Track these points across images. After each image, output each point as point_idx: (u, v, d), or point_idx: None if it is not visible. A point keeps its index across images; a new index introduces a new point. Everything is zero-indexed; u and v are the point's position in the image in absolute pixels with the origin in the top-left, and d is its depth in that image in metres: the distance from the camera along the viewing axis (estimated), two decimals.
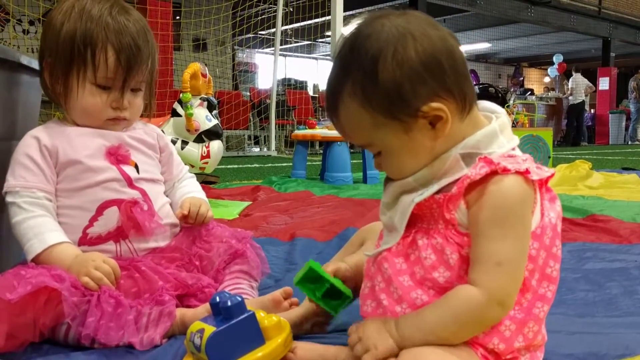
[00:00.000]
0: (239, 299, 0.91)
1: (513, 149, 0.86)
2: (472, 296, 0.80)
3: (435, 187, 0.85)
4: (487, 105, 0.91)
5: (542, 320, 0.87)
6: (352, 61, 0.85)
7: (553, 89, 15.08)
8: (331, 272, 1.02)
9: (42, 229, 1.11)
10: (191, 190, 1.35)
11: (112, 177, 1.18)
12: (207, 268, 1.24)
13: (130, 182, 1.20)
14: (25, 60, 1.29)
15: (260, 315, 0.93)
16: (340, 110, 0.88)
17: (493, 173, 0.80)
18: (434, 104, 0.83)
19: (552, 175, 0.87)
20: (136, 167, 1.23)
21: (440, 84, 0.83)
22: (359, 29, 0.87)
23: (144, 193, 1.22)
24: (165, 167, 1.34)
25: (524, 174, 0.81)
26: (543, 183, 0.86)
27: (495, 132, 0.86)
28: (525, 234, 0.82)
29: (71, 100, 1.18)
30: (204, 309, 1.08)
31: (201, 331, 0.89)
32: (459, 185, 0.82)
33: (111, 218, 1.16)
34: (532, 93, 14.82)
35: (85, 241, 1.16)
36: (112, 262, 1.08)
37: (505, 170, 0.80)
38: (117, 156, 1.21)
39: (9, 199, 1.13)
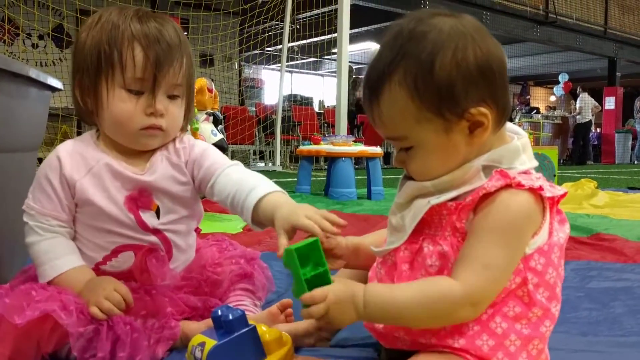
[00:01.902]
0: (240, 312, 0.91)
1: (528, 170, 0.87)
2: (450, 289, 0.80)
3: (453, 193, 0.85)
4: (510, 126, 0.92)
5: (547, 339, 0.87)
6: (409, 50, 0.84)
7: (555, 108, 15.08)
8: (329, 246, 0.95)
9: (55, 254, 1.10)
10: (242, 177, 1.12)
11: (127, 225, 1.13)
12: (215, 290, 1.24)
13: (148, 230, 1.15)
14: (33, 73, 1.31)
15: (262, 329, 0.93)
16: (384, 95, 0.86)
17: (507, 186, 0.81)
18: (482, 109, 0.83)
19: (565, 194, 0.88)
20: (157, 211, 1.16)
21: (489, 90, 0.84)
22: (419, 20, 0.86)
23: (163, 238, 1.17)
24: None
25: (537, 190, 0.82)
26: (554, 203, 0.87)
27: (519, 149, 0.87)
28: (519, 249, 0.82)
29: (102, 111, 1.11)
30: (205, 324, 1.08)
31: (202, 344, 0.89)
32: (474, 196, 0.82)
33: (126, 261, 1.15)
34: (538, 112, 14.82)
35: (97, 273, 1.14)
36: (123, 289, 1.05)
37: (520, 186, 0.81)
38: (137, 202, 1.14)
39: (25, 218, 1.13)
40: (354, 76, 10.26)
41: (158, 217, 1.16)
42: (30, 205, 1.12)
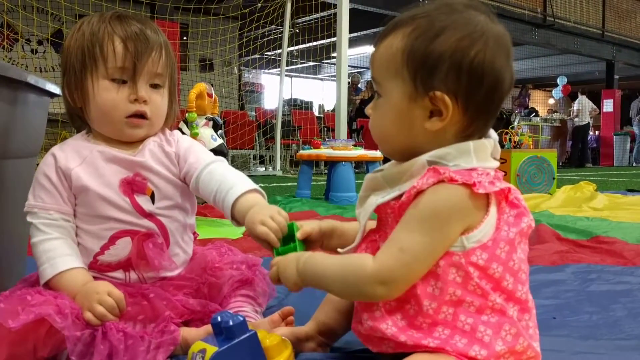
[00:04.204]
0: (241, 318, 0.91)
1: (475, 168, 0.86)
2: (364, 265, 0.85)
3: (396, 192, 0.88)
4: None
5: (519, 325, 0.85)
6: (429, 14, 0.89)
7: (556, 111, 15.10)
8: (303, 233, 1.02)
9: (56, 253, 1.11)
10: (224, 174, 1.17)
11: (124, 209, 1.16)
12: (215, 294, 1.23)
13: (144, 214, 1.17)
14: (31, 79, 1.30)
15: (262, 334, 0.93)
16: (388, 39, 0.92)
17: (440, 182, 0.83)
18: (447, 99, 0.86)
19: (509, 190, 0.87)
20: (152, 196, 1.18)
21: (467, 93, 0.86)
22: (466, 5, 0.90)
23: (159, 224, 1.19)
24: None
25: (471, 186, 0.82)
26: (504, 198, 0.86)
27: (468, 149, 0.87)
28: (442, 240, 0.83)
29: (89, 104, 1.17)
30: (205, 330, 1.08)
31: (203, 351, 0.89)
32: (408, 194, 0.85)
33: (123, 248, 1.15)
34: (537, 114, 14.82)
35: (95, 267, 1.15)
36: (117, 294, 1.05)
37: (452, 181, 0.82)
38: (132, 186, 1.17)
39: (28, 218, 1.15)
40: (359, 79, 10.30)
41: (153, 202, 1.19)
42: (31, 204, 1.15)
